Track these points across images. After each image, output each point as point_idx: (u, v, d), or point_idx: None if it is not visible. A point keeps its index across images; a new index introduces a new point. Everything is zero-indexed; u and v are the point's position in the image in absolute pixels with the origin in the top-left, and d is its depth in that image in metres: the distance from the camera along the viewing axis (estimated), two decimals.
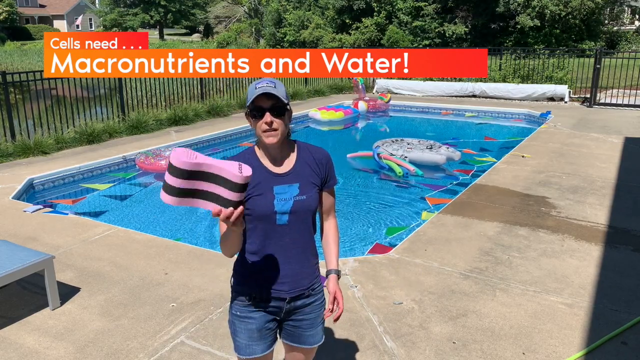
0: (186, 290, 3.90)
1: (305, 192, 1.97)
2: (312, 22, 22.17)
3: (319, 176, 2.03)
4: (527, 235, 4.91)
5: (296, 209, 1.95)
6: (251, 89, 1.91)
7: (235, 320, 2.05)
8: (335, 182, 2.11)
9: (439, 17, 20.17)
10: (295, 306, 2.05)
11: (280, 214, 1.94)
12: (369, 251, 4.95)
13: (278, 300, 2.02)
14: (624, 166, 7.39)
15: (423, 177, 7.63)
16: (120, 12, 53.35)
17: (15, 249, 3.68)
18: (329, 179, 2.07)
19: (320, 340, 2.14)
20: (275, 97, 1.87)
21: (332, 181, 2.09)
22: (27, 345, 3.23)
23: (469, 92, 14.95)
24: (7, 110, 8.32)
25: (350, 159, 8.78)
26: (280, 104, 1.88)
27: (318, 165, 2.03)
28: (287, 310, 2.05)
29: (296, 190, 1.96)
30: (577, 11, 17.99)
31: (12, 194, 6.23)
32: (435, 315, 3.52)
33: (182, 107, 11.22)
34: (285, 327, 2.11)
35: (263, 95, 1.87)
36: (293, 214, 1.95)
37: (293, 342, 2.12)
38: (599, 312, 3.56)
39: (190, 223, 5.96)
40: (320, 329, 2.13)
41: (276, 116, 1.88)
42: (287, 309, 2.04)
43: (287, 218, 1.95)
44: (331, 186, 2.10)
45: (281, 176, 1.96)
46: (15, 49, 36.88)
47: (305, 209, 1.97)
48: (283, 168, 1.97)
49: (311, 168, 2.01)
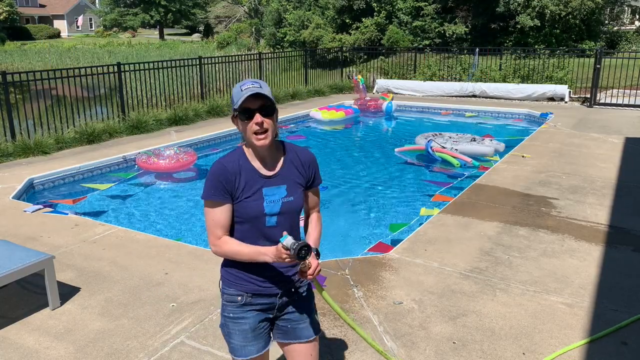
0: (186, 290, 3.90)
1: (293, 193, 2.00)
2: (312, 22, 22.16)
3: (304, 177, 2.05)
4: (527, 235, 4.90)
5: (284, 210, 1.98)
6: (236, 91, 1.90)
7: (229, 322, 2.06)
8: (320, 182, 2.14)
9: (439, 17, 20.16)
10: (287, 300, 2.08)
11: (270, 215, 1.96)
12: (369, 249, 4.96)
13: (270, 297, 2.04)
14: (624, 166, 7.39)
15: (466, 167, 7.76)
16: (121, 12, 53.36)
17: (15, 249, 3.68)
18: (314, 179, 2.10)
19: (317, 332, 2.15)
20: (263, 96, 1.88)
21: (316, 181, 2.12)
22: (27, 345, 3.23)
23: (469, 92, 14.94)
24: (7, 110, 8.32)
25: (399, 153, 8.84)
26: (268, 103, 1.89)
27: (304, 166, 2.05)
28: (280, 306, 2.07)
29: (284, 192, 1.99)
30: (577, 11, 17.96)
31: (12, 193, 6.23)
32: (435, 315, 3.52)
33: (182, 107, 11.22)
34: (278, 324, 2.12)
35: (251, 97, 1.87)
36: (281, 215, 1.98)
37: (289, 338, 2.12)
38: (599, 312, 3.56)
39: (190, 223, 5.96)
40: (313, 319, 2.14)
41: (265, 116, 1.89)
42: (279, 304, 2.06)
43: (276, 219, 1.98)
44: (316, 186, 2.13)
45: (269, 178, 1.98)
46: (15, 49, 36.88)
47: (292, 209, 2.01)
48: (271, 170, 1.99)
49: (297, 169, 2.04)
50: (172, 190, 7.22)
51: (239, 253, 1.95)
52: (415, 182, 7.55)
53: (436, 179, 7.58)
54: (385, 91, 15.77)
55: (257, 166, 1.98)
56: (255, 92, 1.85)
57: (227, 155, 2.00)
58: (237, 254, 1.95)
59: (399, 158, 8.80)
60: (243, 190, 1.94)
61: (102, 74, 10.03)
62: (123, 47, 38.23)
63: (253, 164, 1.97)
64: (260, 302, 2.04)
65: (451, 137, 8.91)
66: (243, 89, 1.88)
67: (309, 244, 1.82)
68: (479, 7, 19.81)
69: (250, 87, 1.87)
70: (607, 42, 20.13)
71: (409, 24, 20.35)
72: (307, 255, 1.81)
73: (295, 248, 1.80)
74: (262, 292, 2.02)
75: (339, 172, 8.10)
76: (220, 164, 1.96)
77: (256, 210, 1.94)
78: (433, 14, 20.11)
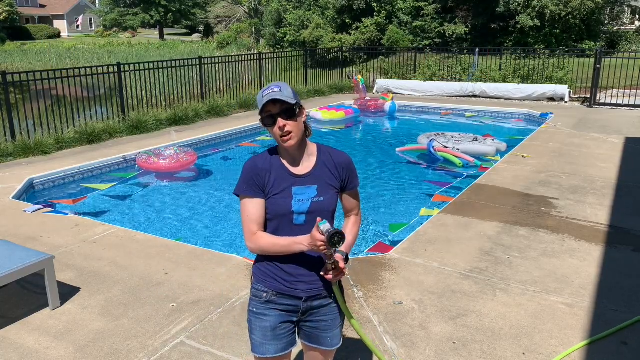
0: (186, 290, 3.90)
1: (323, 194, 2.01)
2: (312, 22, 22.16)
3: (337, 179, 2.06)
4: (528, 235, 4.90)
5: (313, 209, 1.99)
6: (259, 97, 1.95)
7: (252, 317, 2.09)
8: (357, 185, 2.14)
9: (439, 17, 20.15)
10: (312, 306, 2.08)
11: (298, 214, 1.98)
12: (369, 249, 4.96)
13: (294, 299, 2.05)
14: (624, 166, 7.38)
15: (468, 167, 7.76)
16: (121, 12, 53.35)
17: (15, 249, 3.68)
18: (349, 182, 2.10)
19: (339, 343, 2.17)
20: (281, 101, 1.90)
21: (352, 184, 2.11)
22: (27, 345, 3.23)
23: (469, 92, 14.94)
24: (7, 110, 8.32)
25: (401, 153, 8.85)
26: (288, 106, 1.91)
27: (337, 168, 2.06)
28: (304, 310, 2.08)
29: (314, 191, 2.00)
30: (577, 11, 17.95)
31: (12, 193, 6.23)
32: (436, 315, 3.52)
33: (182, 107, 11.22)
34: (303, 327, 2.14)
35: (270, 102, 1.90)
36: (310, 214, 1.99)
37: (311, 342, 2.15)
38: (599, 312, 3.56)
39: (190, 223, 5.96)
40: (338, 331, 2.16)
41: (288, 119, 1.92)
42: (304, 308, 2.07)
43: (305, 218, 1.99)
44: (352, 188, 2.12)
45: (300, 177, 2.00)
46: (15, 49, 36.88)
47: (322, 210, 2.00)
48: (302, 169, 2.01)
49: (330, 171, 2.05)
50: (172, 190, 7.21)
51: (275, 245, 1.96)
52: (416, 182, 7.55)
53: (436, 179, 7.58)
54: (385, 91, 15.77)
55: (288, 165, 2.01)
56: (273, 97, 1.89)
57: (260, 154, 2.06)
58: (273, 246, 1.96)
59: (398, 158, 8.80)
60: (273, 187, 1.97)
61: (102, 74, 10.03)
62: (123, 47, 38.23)
63: (283, 162, 2.01)
64: (284, 303, 2.05)
65: (453, 137, 8.92)
66: (264, 95, 1.92)
67: (343, 233, 1.82)
68: (479, 7, 19.80)
69: (270, 93, 1.90)
70: (607, 42, 20.12)
71: (409, 24, 20.34)
72: (339, 242, 1.81)
73: (330, 233, 1.80)
74: (286, 292, 2.04)
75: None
76: (252, 161, 2.02)
77: (284, 207, 1.96)
78: (433, 14, 20.11)
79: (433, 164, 8.25)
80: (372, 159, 8.92)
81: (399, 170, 8.14)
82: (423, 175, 7.88)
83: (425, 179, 7.65)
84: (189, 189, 7.27)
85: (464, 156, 8.02)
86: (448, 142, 8.52)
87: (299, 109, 1.96)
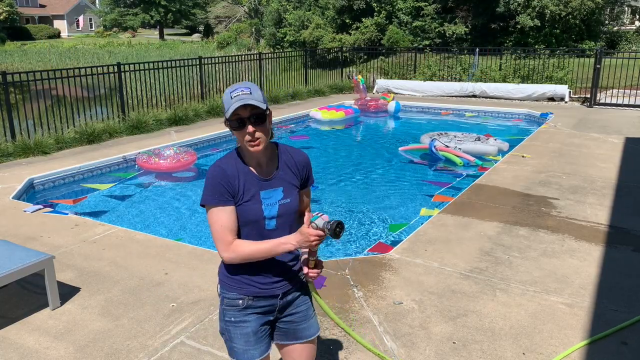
0: (186, 290, 3.90)
1: (289, 196, 1.99)
2: (312, 22, 22.16)
3: (298, 178, 2.05)
4: (528, 235, 4.90)
5: (282, 212, 1.97)
6: (227, 98, 1.86)
7: (230, 326, 2.04)
8: (312, 183, 2.14)
9: (439, 17, 20.16)
10: (287, 301, 2.08)
11: (269, 219, 1.95)
12: (369, 249, 4.96)
13: (272, 299, 2.04)
14: (624, 166, 7.39)
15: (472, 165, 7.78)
16: (121, 12, 53.37)
17: (15, 249, 3.68)
18: (308, 180, 2.10)
19: (316, 332, 2.15)
20: (252, 105, 1.84)
21: (310, 182, 2.12)
22: (27, 345, 3.23)
23: (469, 92, 14.94)
24: (7, 110, 8.32)
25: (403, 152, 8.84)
26: (259, 111, 1.85)
27: (298, 167, 2.04)
28: (281, 307, 2.07)
29: (280, 194, 1.97)
30: (577, 11, 17.96)
31: (12, 193, 6.23)
32: (436, 315, 3.52)
33: (182, 107, 11.22)
34: (279, 326, 2.12)
35: (241, 106, 1.83)
36: (280, 217, 1.97)
37: (289, 339, 2.12)
38: (599, 312, 3.56)
39: (190, 223, 5.96)
40: (314, 320, 2.15)
41: (257, 124, 1.85)
42: (280, 305, 2.06)
43: (275, 222, 1.97)
44: (308, 186, 2.12)
45: (266, 181, 1.96)
46: (16, 49, 36.89)
47: (290, 211, 1.99)
48: (267, 172, 1.98)
49: (292, 171, 2.03)
50: (172, 190, 7.22)
51: (259, 250, 1.90)
52: (416, 182, 7.55)
53: (436, 179, 7.58)
54: (385, 91, 15.78)
55: (254, 169, 1.96)
56: (244, 102, 1.81)
57: (223, 159, 1.97)
58: (256, 252, 1.90)
59: (399, 157, 8.81)
60: (243, 193, 1.92)
61: (102, 74, 10.03)
62: (123, 47, 38.24)
63: (249, 167, 1.96)
64: (261, 305, 2.03)
65: (456, 136, 8.93)
66: (233, 97, 1.83)
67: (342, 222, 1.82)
68: (479, 7, 19.80)
69: (240, 95, 1.82)
70: (607, 42, 20.13)
71: (409, 24, 20.35)
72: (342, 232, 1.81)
73: (332, 225, 1.78)
74: (263, 294, 2.01)
75: (339, 172, 8.10)
76: (218, 167, 1.92)
77: (256, 213, 1.93)
78: (433, 14, 20.11)
79: (434, 163, 8.25)
80: (372, 159, 8.92)
81: (398, 170, 8.15)
82: (423, 175, 7.88)
83: (425, 179, 7.65)
84: (189, 189, 7.27)
85: (465, 155, 8.03)
86: (450, 142, 8.52)
87: (267, 115, 1.89)
